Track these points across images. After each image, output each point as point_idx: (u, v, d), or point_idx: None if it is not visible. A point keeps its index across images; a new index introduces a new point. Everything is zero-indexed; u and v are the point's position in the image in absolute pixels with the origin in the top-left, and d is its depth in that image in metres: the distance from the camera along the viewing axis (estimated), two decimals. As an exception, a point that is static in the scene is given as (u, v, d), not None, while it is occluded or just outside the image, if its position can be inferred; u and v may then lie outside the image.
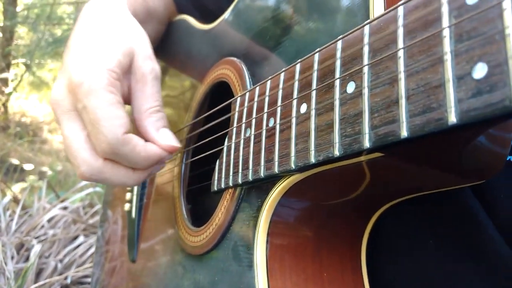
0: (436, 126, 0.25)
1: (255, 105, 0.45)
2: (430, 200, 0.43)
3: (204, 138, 0.60)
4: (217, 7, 0.71)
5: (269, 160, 0.40)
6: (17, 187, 2.27)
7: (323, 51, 0.36)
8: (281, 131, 0.39)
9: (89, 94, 0.46)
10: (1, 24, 4.72)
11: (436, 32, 0.26)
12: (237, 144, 0.47)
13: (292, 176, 0.39)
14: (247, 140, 0.45)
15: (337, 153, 0.32)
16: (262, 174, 0.41)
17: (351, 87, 0.32)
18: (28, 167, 2.86)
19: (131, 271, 0.73)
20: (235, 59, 0.56)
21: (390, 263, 0.46)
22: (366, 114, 0.30)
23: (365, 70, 0.31)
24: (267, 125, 0.42)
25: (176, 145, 0.51)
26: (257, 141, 0.43)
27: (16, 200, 1.65)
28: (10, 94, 4.55)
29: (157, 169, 0.54)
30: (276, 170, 0.39)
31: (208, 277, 0.49)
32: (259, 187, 0.44)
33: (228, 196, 0.49)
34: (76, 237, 1.39)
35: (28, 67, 4.66)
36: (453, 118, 0.24)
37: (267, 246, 0.41)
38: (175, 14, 0.80)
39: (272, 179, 0.42)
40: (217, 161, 0.51)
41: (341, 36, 0.34)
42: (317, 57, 0.37)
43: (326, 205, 0.43)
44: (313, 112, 0.35)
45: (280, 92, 0.41)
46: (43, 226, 1.41)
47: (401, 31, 0.29)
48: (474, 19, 0.24)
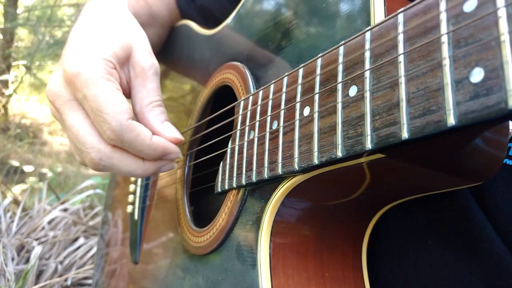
0: (436, 128, 0.27)
1: (258, 108, 0.46)
2: (429, 201, 0.44)
3: (206, 141, 0.60)
4: (220, 12, 0.72)
5: (272, 162, 0.41)
6: (17, 188, 2.27)
7: (325, 56, 0.37)
8: (284, 133, 0.40)
9: (87, 83, 0.46)
10: (2, 26, 4.73)
11: (435, 38, 0.27)
12: (241, 146, 0.48)
13: (295, 177, 0.40)
14: (250, 142, 0.46)
15: (340, 154, 0.33)
16: (266, 175, 0.42)
17: (353, 90, 0.33)
18: (28, 168, 2.86)
19: (132, 273, 0.74)
20: (238, 63, 0.57)
21: (390, 262, 0.47)
22: (368, 117, 0.31)
23: (367, 74, 0.32)
24: (270, 127, 0.43)
25: (181, 137, 0.51)
26: (261, 143, 0.44)
27: (16, 202, 1.65)
28: (10, 96, 4.56)
29: (167, 167, 0.54)
30: (280, 171, 0.40)
31: (212, 277, 0.50)
32: (262, 188, 0.45)
33: (231, 197, 0.50)
34: (76, 239, 1.39)
35: (29, 69, 4.67)
36: (452, 120, 0.26)
37: (271, 245, 0.42)
38: (178, 19, 0.81)
39: (275, 180, 0.43)
40: (221, 163, 0.52)
41: (343, 41, 0.35)
42: (319, 62, 0.38)
43: (328, 206, 0.44)
44: (316, 115, 0.36)
45: (284, 96, 0.42)
46: (43, 228, 1.41)
47: (401, 37, 0.30)
48: (471, 26, 0.25)
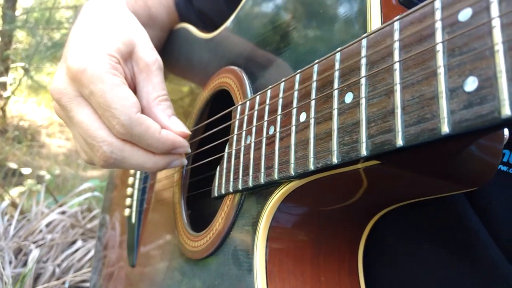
0: (430, 136, 0.27)
1: (255, 113, 0.46)
2: (425, 205, 0.44)
3: (204, 145, 0.61)
4: (218, 16, 0.72)
5: (269, 167, 0.41)
6: (15, 191, 2.27)
7: (322, 62, 0.37)
8: (281, 138, 0.40)
9: (93, 79, 0.45)
10: (0, 28, 4.72)
11: (430, 47, 0.27)
12: (238, 151, 0.48)
13: (291, 183, 0.40)
14: (247, 147, 0.46)
15: (335, 160, 0.33)
16: (262, 180, 0.42)
17: (349, 97, 0.33)
18: (26, 171, 2.85)
19: (129, 276, 0.74)
20: (236, 68, 0.57)
21: (386, 266, 0.47)
22: (363, 124, 0.31)
23: (363, 81, 0.32)
24: (267, 132, 0.43)
25: (188, 132, 0.52)
26: (258, 148, 0.44)
27: (14, 205, 1.64)
28: (8, 98, 4.55)
29: (177, 163, 0.54)
30: (276, 176, 0.40)
31: (208, 281, 0.50)
32: (259, 193, 0.45)
33: (228, 201, 0.50)
34: (74, 242, 1.39)
35: (27, 71, 4.66)
36: (446, 128, 0.26)
37: (267, 250, 0.42)
38: (177, 22, 0.81)
39: (271, 186, 0.43)
40: (218, 167, 0.52)
41: (340, 48, 0.36)
42: (316, 68, 0.38)
43: (324, 211, 0.44)
44: (312, 121, 0.36)
45: (280, 101, 0.42)
46: (41, 231, 1.41)
47: (397, 45, 0.30)
48: (466, 35, 0.25)
